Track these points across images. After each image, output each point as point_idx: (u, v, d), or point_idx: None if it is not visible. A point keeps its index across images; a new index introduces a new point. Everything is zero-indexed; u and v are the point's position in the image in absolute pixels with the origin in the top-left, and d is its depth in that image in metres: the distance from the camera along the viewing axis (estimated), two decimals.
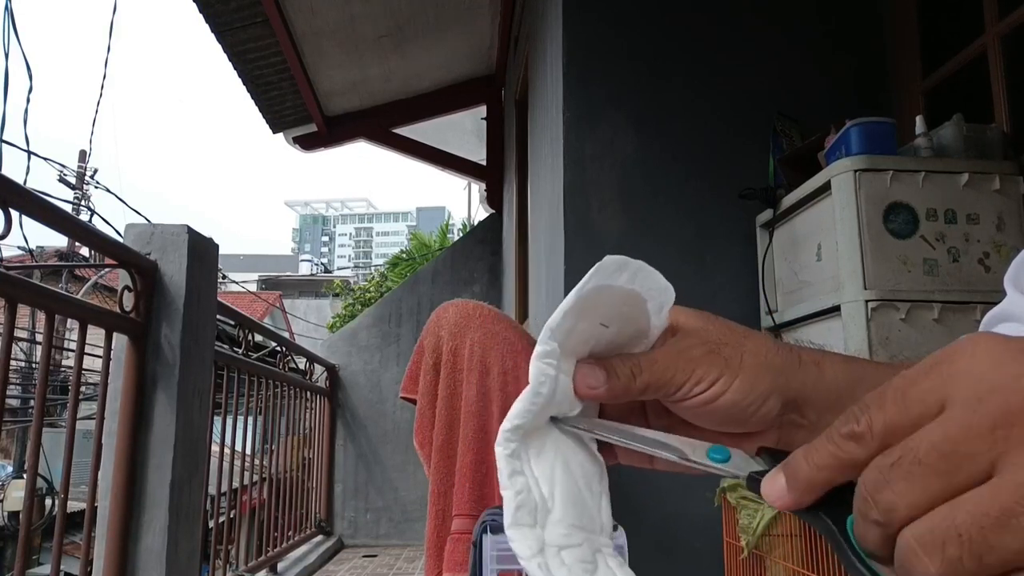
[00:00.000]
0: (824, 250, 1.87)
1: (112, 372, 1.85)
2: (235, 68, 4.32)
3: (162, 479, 1.84)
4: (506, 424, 0.38)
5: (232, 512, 2.91)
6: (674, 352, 0.40)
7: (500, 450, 0.37)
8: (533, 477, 0.38)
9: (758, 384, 0.39)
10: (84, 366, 1.77)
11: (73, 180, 10.08)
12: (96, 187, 10.21)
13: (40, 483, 5.80)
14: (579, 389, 0.39)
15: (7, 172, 1.58)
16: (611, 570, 0.37)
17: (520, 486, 0.37)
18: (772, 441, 0.41)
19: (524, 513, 0.36)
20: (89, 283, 9.77)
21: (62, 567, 1.65)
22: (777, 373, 0.39)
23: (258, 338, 3.33)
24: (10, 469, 9.45)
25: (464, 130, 6.28)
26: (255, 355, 3.13)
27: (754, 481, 0.33)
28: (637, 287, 0.40)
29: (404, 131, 5.69)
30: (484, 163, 5.88)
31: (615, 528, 1.56)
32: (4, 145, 5.19)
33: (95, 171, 10.31)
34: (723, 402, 0.39)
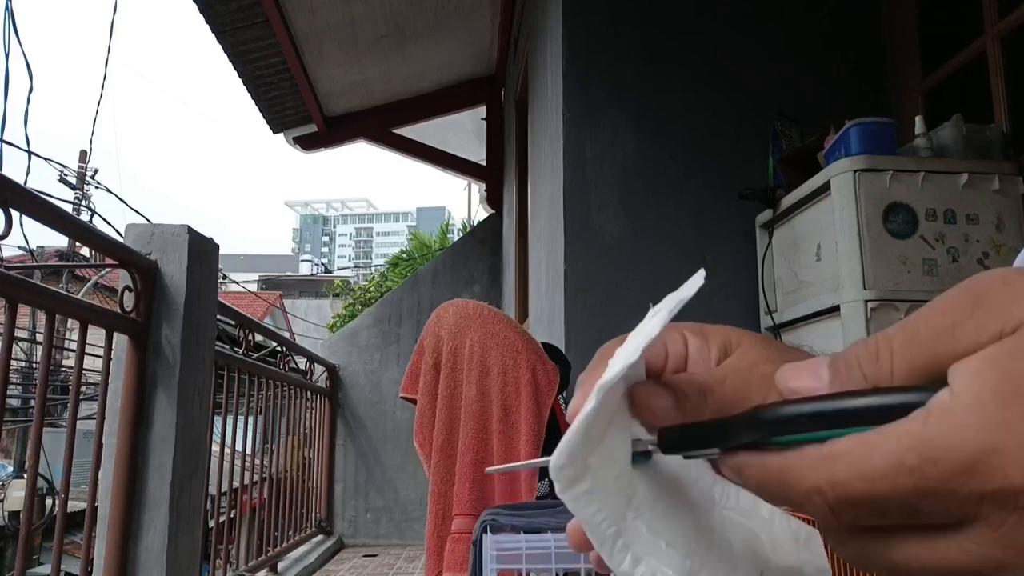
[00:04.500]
0: (823, 250, 1.87)
1: (112, 372, 1.85)
2: (235, 69, 4.32)
3: (162, 479, 1.84)
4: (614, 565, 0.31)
5: (232, 512, 2.91)
6: (744, 369, 0.37)
7: None
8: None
9: None
10: (84, 366, 1.77)
11: (73, 180, 10.08)
12: (96, 187, 10.22)
13: (40, 483, 5.79)
14: (646, 416, 0.34)
15: (7, 172, 1.58)
16: None
17: None
18: None
19: None
20: (89, 283, 9.77)
21: (62, 567, 1.65)
22: None
23: (258, 338, 3.33)
24: (10, 469, 9.45)
25: (464, 130, 6.28)
26: (255, 355, 3.14)
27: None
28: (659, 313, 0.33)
29: (404, 131, 5.69)
30: (484, 163, 5.89)
31: None
32: (4, 145, 5.19)
33: (95, 171, 10.31)
34: None
